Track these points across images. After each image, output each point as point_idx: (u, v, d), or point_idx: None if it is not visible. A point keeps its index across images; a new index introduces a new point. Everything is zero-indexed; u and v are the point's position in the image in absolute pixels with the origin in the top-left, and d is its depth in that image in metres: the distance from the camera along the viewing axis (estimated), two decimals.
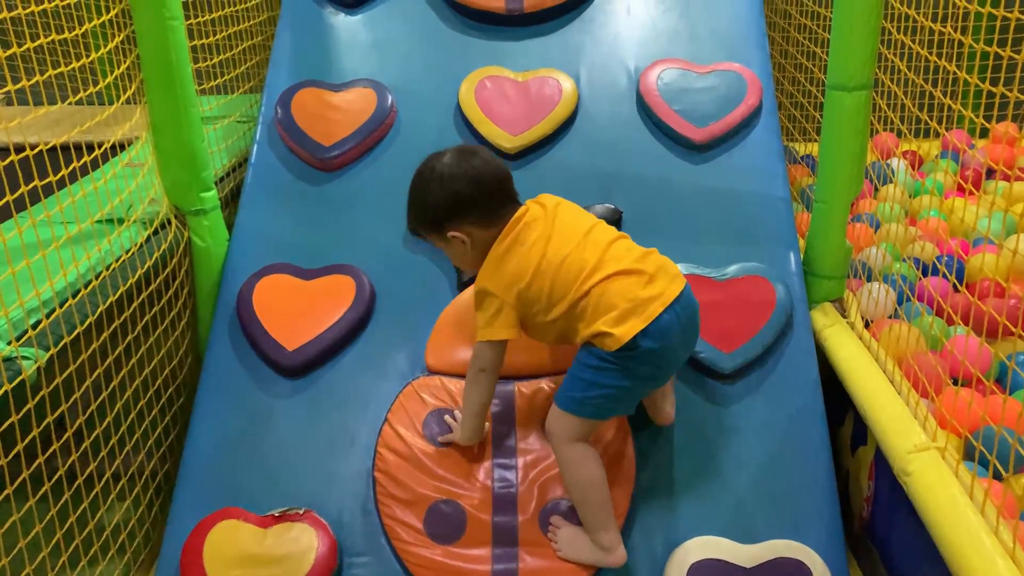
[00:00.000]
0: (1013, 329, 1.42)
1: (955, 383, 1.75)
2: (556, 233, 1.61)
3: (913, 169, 2.78)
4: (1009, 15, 1.40)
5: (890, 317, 2.01)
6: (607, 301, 1.54)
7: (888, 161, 2.71)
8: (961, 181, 2.55)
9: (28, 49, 1.49)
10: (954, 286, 1.90)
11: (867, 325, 2.01)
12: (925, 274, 2.11)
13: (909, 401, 1.66)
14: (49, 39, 1.59)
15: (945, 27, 1.71)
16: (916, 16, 1.87)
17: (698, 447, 1.81)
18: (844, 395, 1.83)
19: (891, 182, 2.60)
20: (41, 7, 1.57)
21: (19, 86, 1.46)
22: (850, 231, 2.13)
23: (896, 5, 1.93)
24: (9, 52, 1.44)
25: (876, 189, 2.64)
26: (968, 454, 1.56)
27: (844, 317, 2.03)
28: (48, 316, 1.52)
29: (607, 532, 1.61)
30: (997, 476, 1.45)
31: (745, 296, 1.96)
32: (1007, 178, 2.51)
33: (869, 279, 2.12)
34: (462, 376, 1.85)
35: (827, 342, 1.95)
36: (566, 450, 1.61)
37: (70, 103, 1.61)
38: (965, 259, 2.06)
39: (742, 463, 1.79)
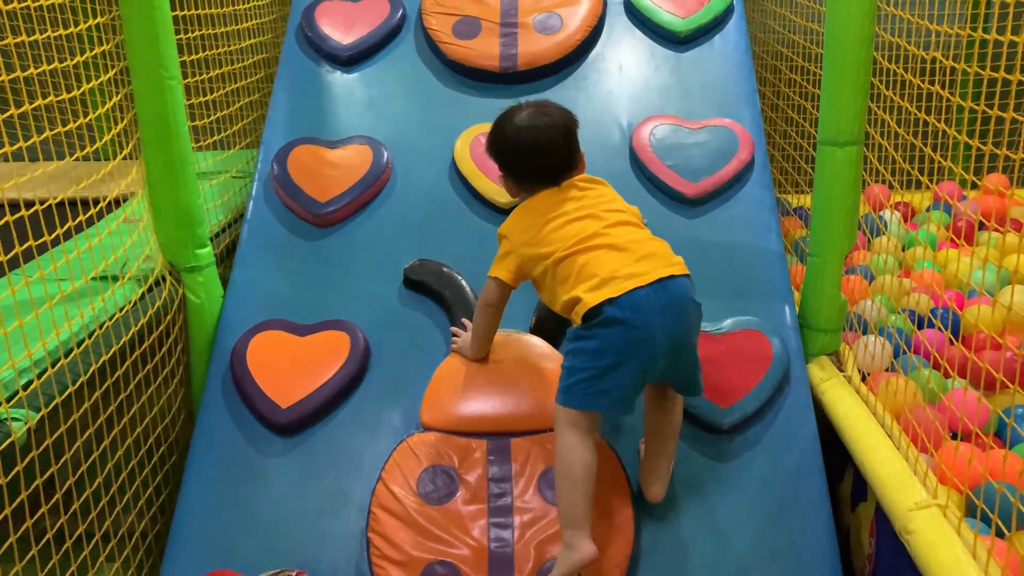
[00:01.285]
0: (1009, 384, 1.42)
1: (954, 437, 1.73)
2: (577, 205, 1.71)
3: (905, 221, 2.80)
4: (995, 74, 1.42)
5: (887, 370, 2.01)
6: (589, 271, 1.61)
7: (880, 213, 2.73)
8: (953, 236, 2.57)
9: (26, 109, 1.51)
10: (949, 339, 1.90)
11: (864, 378, 2.00)
12: (921, 327, 2.11)
13: (908, 457, 1.65)
14: (47, 100, 1.60)
15: (932, 85, 1.74)
16: (903, 74, 1.90)
17: (698, 504, 1.79)
18: (843, 450, 1.82)
19: (884, 234, 2.61)
20: (39, 70, 1.58)
21: (16, 147, 1.47)
22: (844, 283, 2.13)
23: (883, 62, 1.96)
24: (7, 114, 1.45)
25: (869, 241, 2.65)
26: (970, 511, 1.54)
27: (841, 371, 2.02)
28: (39, 377, 1.50)
29: (574, 530, 1.57)
30: (1000, 534, 1.43)
31: (741, 350, 1.96)
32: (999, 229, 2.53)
33: (865, 332, 2.12)
34: (458, 432, 1.84)
35: (824, 396, 1.94)
36: (559, 436, 1.62)
37: (68, 162, 1.62)
38: (960, 312, 2.06)
39: (742, 520, 1.77)
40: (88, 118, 1.77)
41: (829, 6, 1.87)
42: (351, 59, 2.59)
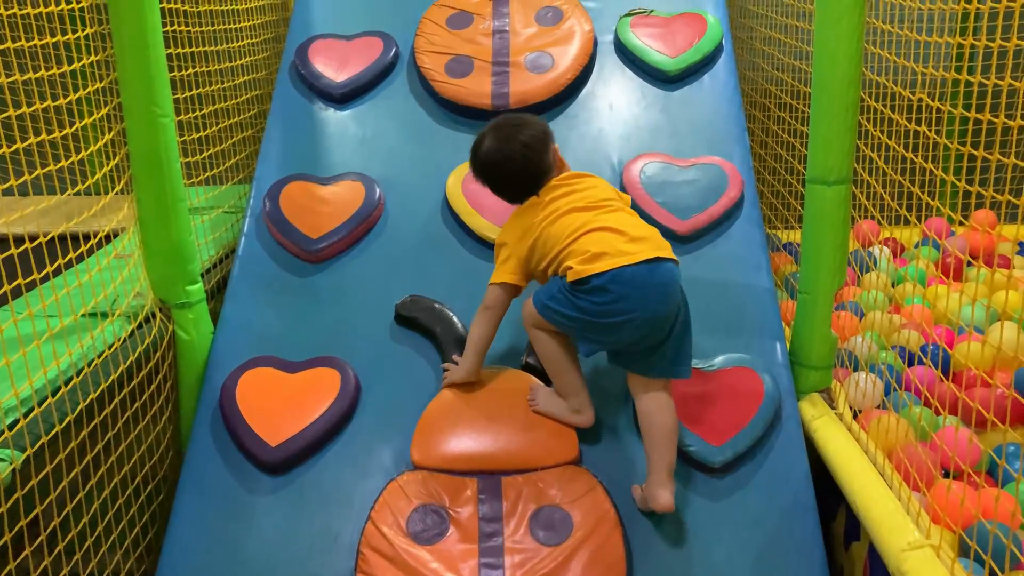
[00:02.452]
0: (998, 423, 1.42)
1: (946, 475, 1.73)
2: (567, 200, 1.83)
3: (895, 257, 2.82)
4: (980, 117, 1.44)
5: (878, 407, 2.01)
6: (582, 247, 1.75)
7: (869, 249, 2.75)
8: (941, 275, 2.58)
9: (19, 147, 1.51)
10: (940, 377, 1.90)
11: (855, 416, 2.00)
12: (911, 364, 2.12)
13: (901, 496, 1.64)
14: (39, 138, 1.60)
15: (920, 125, 1.76)
16: (891, 115, 1.92)
17: (691, 543, 1.77)
18: (835, 487, 1.81)
19: (873, 270, 2.63)
20: (33, 108, 1.59)
21: (7, 185, 1.47)
22: (834, 320, 2.14)
23: (869, 101, 1.98)
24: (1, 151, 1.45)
25: (859, 277, 2.67)
26: (963, 551, 1.54)
27: (832, 408, 2.02)
28: (25, 416, 1.49)
29: (576, 396, 1.87)
30: (993, 574, 1.42)
31: (733, 388, 1.96)
32: (989, 265, 2.54)
33: (856, 369, 2.12)
34: (448, 471, 1.83)
35: (816, 434, 1.94)
36: (530, 332, 1.90)
37: (63, 198, 1.62)
38: (951, 351, 2.07)
39: (735, 560, 1.75)
40: (81, 155, 1.77)
41: (817, 47, 1.90)
42: (344, 96, 2.60)
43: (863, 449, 1.84)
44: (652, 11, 2.72)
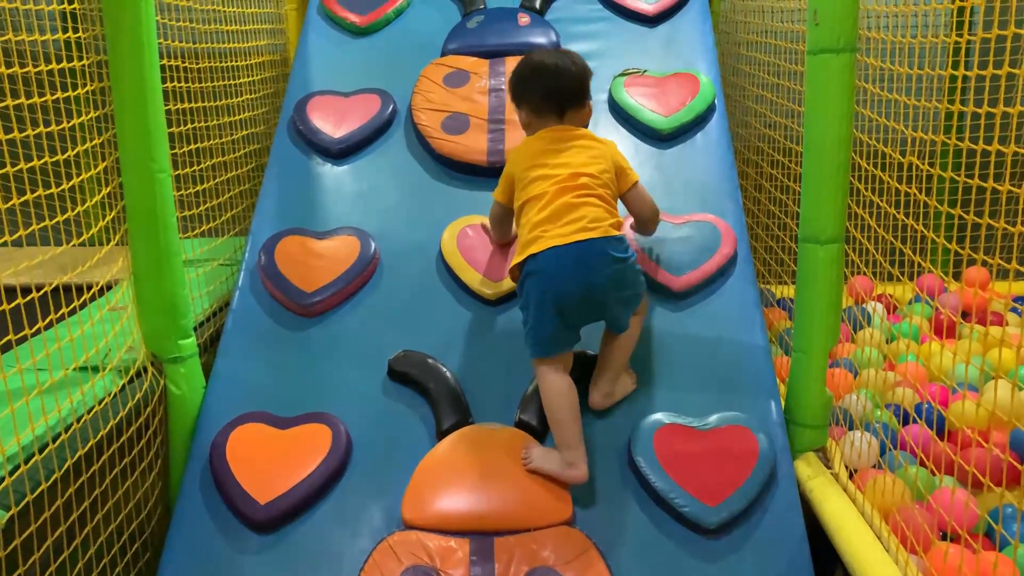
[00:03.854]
0: (992, 487, 1.40)
1: (944, 538, 1.71)
2: (555, 160, 1.99)
3: (889, 313, 2.83)
4: (969, 181, 1.46)
5: (874, 466, 1.99)
6: (523, 229, 1.96)
7: (863, 306, 2.76)
8: (934, 336, 2.59)
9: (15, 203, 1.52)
10: (934, 438, 1.89)
11: (851, 475, 1.98)
12: (906, 422, 2.11)
13: (898, 559, 1.62)
14: (36, 194, 1.61)
15: (911, 188, 1.78)
16: (882, 175, 1.94)
17: None
18: (832, 550, 1.79)
19: (867, 327, 2.63)
20: (31, 164, 1.60)
21: (2, 239, 1.47)
22: (829, 377, 2.13)
23: (863, 164, 2.01)
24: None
25: (853, 334, 2.67)
26: None
27: (828, 467, 2.00)
28: (11, 474, 1.47)
29: (571, 450, 1.87)
30: None
31: (728, 447, 1.94)
32: (982, 322, 2.55)
33: (851, 427, 2.11)
34: (441, 531, 1.81)
35: (812, 494, 1.91)
36: (537, 375, 1.96)
37: (62, 249, 1.62)
38: (945, 411, 2.06)
39: None
40: (78, 209, 1.78)
41: (808, 109, 1.93)
42: (341, 152, 2.63)
43: (860, 511, 1.82)
44: (646, 71, 2.77)
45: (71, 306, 1.71)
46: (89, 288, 1.81)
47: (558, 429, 1.90)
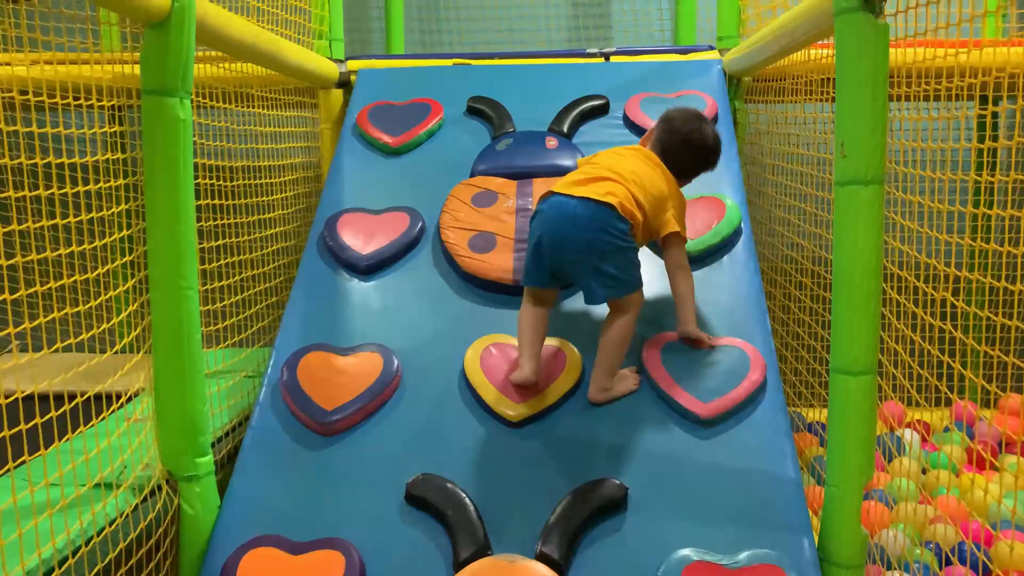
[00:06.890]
0: None
1: None
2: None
3: (923, 441, 2.74)
4: (1008, 322, 1.42)
5: None
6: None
7: (897, 433, 2.67)
8: (971, 468, 2.49)
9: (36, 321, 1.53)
10: None
11: None
12: (945, 562, 2.00)
13: None
14: (63, 312, 1.62)
15: (945, 324, 1.74)
16: (913, 308, 1.91)
17: None
18: None
19: (901, 455, 2.54)
20: (60, 283, 1.62)
21: (31, 355, 1.47)
22: (864, 512, 2.04)
23: (895, 295, 1.98)
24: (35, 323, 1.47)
25: (886, 463, 2.58)
26: None
27: None
28: None
29: (521, 355, 2.22)
30: None
31: None
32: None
33: (888, 567, 2.01)
34: None
35: None
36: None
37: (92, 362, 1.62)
38: (989, 559, 1.96)
39: None
40: (103, 326, 1.79)
41: (837, 239, 1.91)
42: (369, 268, 2.65)
43: None
44: None
45: (91, 423, 1.69)
46: (109, 397, 1.80)
47: (519, 341, 2.24)
